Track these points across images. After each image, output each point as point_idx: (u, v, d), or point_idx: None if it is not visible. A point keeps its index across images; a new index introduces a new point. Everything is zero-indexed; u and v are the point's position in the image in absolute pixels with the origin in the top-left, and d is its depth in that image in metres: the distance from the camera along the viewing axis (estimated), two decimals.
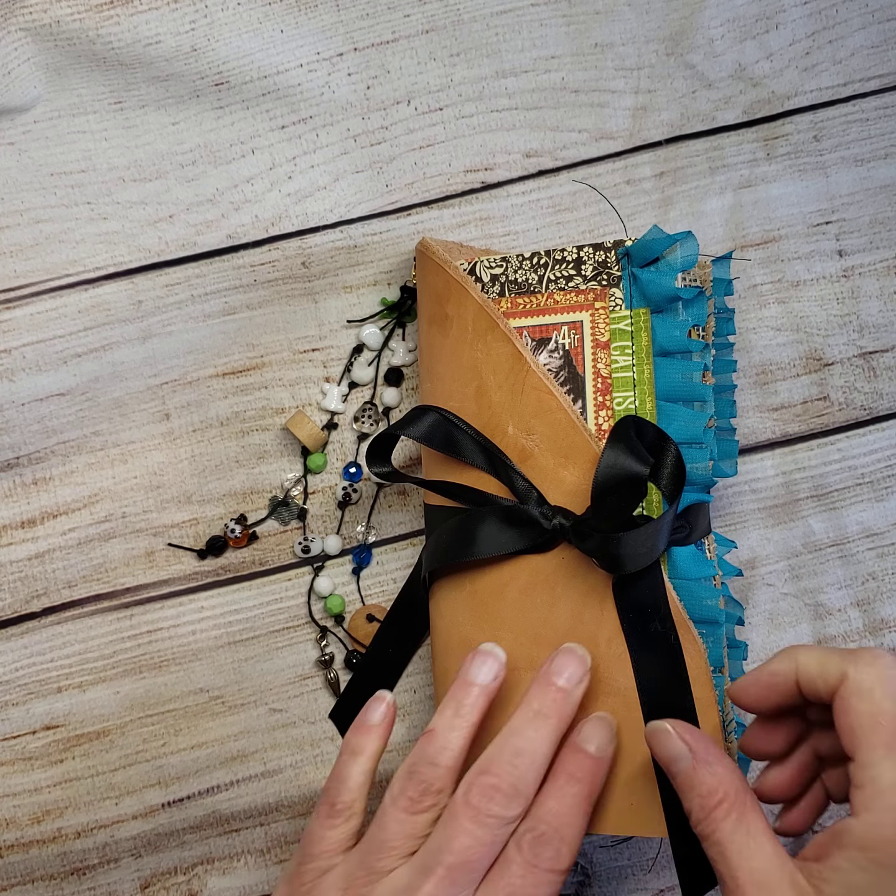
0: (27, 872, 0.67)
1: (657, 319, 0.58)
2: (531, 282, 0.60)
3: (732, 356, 0.65)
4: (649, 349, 0.58)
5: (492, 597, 0.59)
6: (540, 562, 0.59)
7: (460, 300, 0.61)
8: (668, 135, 0.69)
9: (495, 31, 0.68)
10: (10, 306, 0.68)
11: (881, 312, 0.69)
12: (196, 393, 0.69)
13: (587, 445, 0.58)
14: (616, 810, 0.56)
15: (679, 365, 0.58)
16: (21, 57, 0.66)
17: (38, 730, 0.68)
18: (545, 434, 0.59)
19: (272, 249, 0.69)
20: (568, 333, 0.59)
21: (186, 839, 0.68)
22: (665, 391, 0.58)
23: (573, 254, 0.60)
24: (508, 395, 0.59)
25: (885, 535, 0.68)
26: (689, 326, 0.58)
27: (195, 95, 0.68)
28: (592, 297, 0.59)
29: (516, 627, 0.59)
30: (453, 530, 0.59)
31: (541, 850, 0.49)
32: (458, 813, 0.50)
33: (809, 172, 0.69)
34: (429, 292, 0.63)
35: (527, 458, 0.59)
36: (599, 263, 0.59)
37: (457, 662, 0.60)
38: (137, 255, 0.68)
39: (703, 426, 0.57)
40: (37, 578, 0.68)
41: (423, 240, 0.63)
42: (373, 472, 0.62)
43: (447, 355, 0.61)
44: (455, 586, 0.61)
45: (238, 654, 0.68)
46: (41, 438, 0.68)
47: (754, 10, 0.69)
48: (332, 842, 0.53)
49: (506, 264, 0.61)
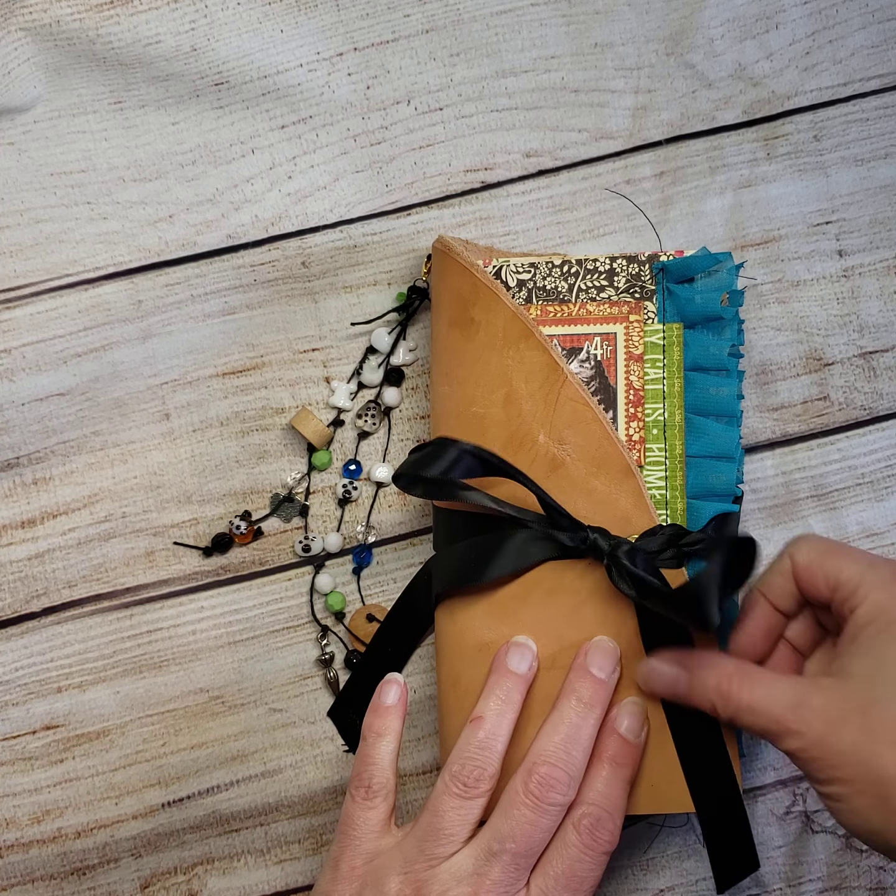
0: (27, 872, 0.67)
1: (690, 335, 0.60)
2: (561, 290, 0.61)
3: (739, 365, 0.65)
4: (681, 363, 0.60)
5: (514, 601, 0.60)
6: (566, 566, 0.59)
7: (489, 305, 0.61)
8: (668, 134, 0.69)
9: (495, 30, 0.68)
10: (10, 306, 0.68)
11: (881, 312, 0.69)
12: (196, 393, 0.69)
13: (620, 457, 0.59)
14: (636, 793, 0.58)
15: (712, 381, 0.59)
16: (21, 57, 0.66)
17: (38, 730, 0.68)
18: (578, 444, 0.59)
19: (272, 249, 0.69)
20: (601, 344, 0.60)
21: (186, 839, 0.68)
22: (695, 405, 0.60)
23: (606, 265, 0.60)
24: (542, 404, 0.60)
25: (885, 535, 0.68)
26: (728, 345, 0.59)
27: (195, 95, 0.68)
28: (627, 309, 0.60)
29: (538, 629, 0.59)
30: (474, 553, 0.60)
31: (599, 834, 0.54)
32: (518, 801, 0.53)
33: (809, 172, 0.69)
34: (450, 294, 0.62)
35: (557, 468, 0.59)
36: (633, 276, 0.60)
37: (470, 667, 0.60)
38: (137, 255, 0.68)
39: (734, 442, 0.59)
40: (37, 578, 0.68)
41: (441, 238, 0.63)
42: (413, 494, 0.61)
43: (470, 360, 0.61)
44: (471, 593, 0.61)
45: (238, 654, 0.68)
46: (41, 438, 0.68)
47: (754, 10, 0.69)
48: (375, 822, 0.56)
49: (534, 270, 0.61)
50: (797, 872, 0.67)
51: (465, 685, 0.60)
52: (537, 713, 0.58)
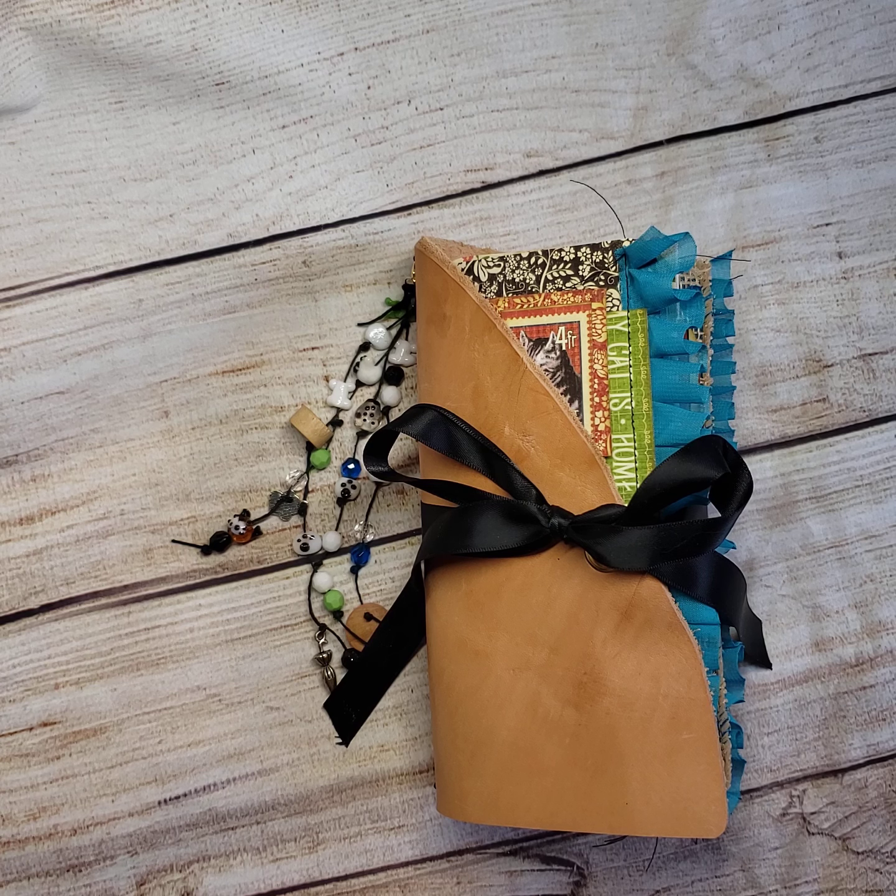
0: (23, 869, 0.68)
1: (654, 321, 0.58)
2: (529, 282, 0.60)
3: (731, 357, 0.65)
4: (646, 350, 0.58)
5: (487, 597, 0.59)
6: (535, 563, 0.59)
7: (458, 300, 0.61)
8: (669, 135, 0.69)
9: (496, 30, 0.68)
10: (10, 305, 0.68)
11: (881, 314, 0.68)
12: (195, 391, 0.69)
13: (583, 447, 0.58)
14: (610, 811, 0.57)
15: (676, 366, 0.58)
16: (22, 56, 0.67)
17: (35, 726, 0.68)
18: (541, 435, 0.59)
19: (273, 248, 0.69)
20: (565, 334, 0.59)
21: (182, 837, 0.68)
22: (662, 392, 0.58)
23: (570, 254, 0.60)
24: (505, 395, 0.59)
25: (884, 536, 0.68)
26: (686, 328, 0.58)
27: (196, 95, 0.68)
28: (590, 297, 0.59)
29: (512, 627, 0.59)
30: (451, 521, 0.59)
31: None
32: None
33: (810, 174, 0.69)
34: (427, 292, 0.63)
35: (523, 459, 0.59)
36: (597, 264, 0.59)
37: (453, 662, 0.60)
38: (138, 254, 0.69)
39: (699, 427, 0.57)
40: (35, 575, 0.69)
41: (423, 239, 0.63)
42: (369, 470, 0.62)
43: (444, 355, 0.61)
44: (451, 586, 0.61)
45: (235, 652, 0.68)
46: (40, 436, 0.68)
47: (756, 11, 0.69)
48: None
49: (503, 264, 0.61)
50: (793, 874, 0.66)
51: (447, 680, 0.60)
52: (511, 713, 0.58)
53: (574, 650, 0.58)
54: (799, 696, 0.67)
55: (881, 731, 0.67)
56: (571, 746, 0.57)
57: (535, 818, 0.58)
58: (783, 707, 0.67)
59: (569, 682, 0.58)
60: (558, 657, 0.58)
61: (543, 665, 0.58)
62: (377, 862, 0.68)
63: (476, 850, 0.68)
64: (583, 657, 0.57)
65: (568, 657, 0.58)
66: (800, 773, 0.67)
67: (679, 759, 0.56)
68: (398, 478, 0.62)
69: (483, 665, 0.59)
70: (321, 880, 0.68)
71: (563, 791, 0.57)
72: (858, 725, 0.67)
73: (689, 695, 0.56)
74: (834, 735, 0.67)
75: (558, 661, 0.58)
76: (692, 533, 0.54)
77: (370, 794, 0.68)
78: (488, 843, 0.68)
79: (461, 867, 0.68)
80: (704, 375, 0.59)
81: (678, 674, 0.56)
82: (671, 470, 0.55)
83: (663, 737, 0.56)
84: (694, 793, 0.56)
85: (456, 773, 0.60)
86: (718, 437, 0.55)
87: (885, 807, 0.67)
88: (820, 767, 0.67)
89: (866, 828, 0.67)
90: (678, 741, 0.56)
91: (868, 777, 0.67)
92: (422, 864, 0.68)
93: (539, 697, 0.58)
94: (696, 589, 0.57)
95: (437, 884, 0.68)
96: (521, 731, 0.58)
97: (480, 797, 0.59)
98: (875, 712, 0.67)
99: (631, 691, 0.57)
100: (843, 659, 0.67)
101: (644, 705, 0.57)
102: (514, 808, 0.58)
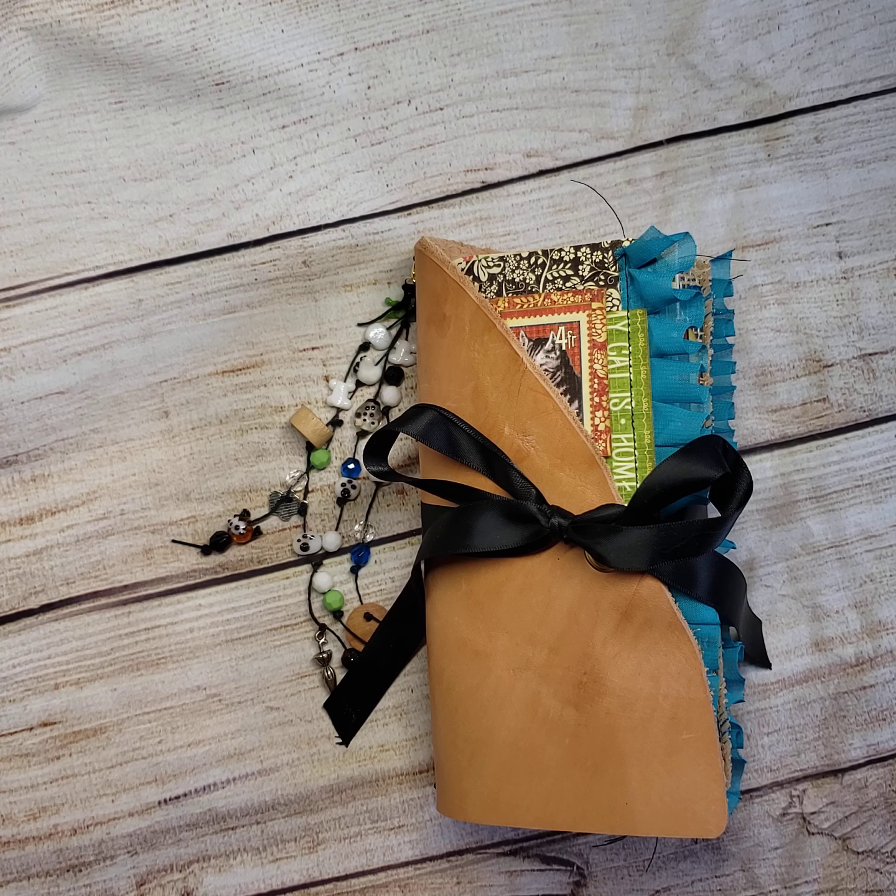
0: (23, 869, 0.68)
1: (654, 320, 0.58)
2: (528, 281, 0.60)
3: (731, 357, 0.65)
4: (646, 350, 0.58)
5: (487, 597, 0.59)
6: (535, 563, 0.59)
7: (458, 300, 0.61)
8: (669, 135, 0.69)
9: (496, 30, 0.68)
10: (10, 305, 0.68)
11: (881, 314, 0.68)
12: (195, 391, 0.69)
13: (583, 447, 0.58)
14: (610, 811, 0.57)
15: (675, 366, 0.58)
16: (22, 56, 0.67)
17: (35, 726, 0.68)
18: (541, 435, 0.59)
19: (273, 248, 0.69)
20: (565, 334, 0.59)
21: (182, 837, 0.68)
22: (661, 392, 0.58)
23: (570, 254, 0.60)
24: (505, 395, 0.59)
25: (884, 536, 0.68)
26: (686, 328, 0.58)
27: (196, 95, 0.68)
28: (589, 297, 0.59)
29: (512, 627, 0.59)
30: (451, 521, 0.60)
31: None
32: None
33: (810, 174, 0.69)
34: (427, 292, 0.63)
35: (523, 459, 0.59)
36: (597, 264, 0.59)
37: (453, 662, 0.60)
38: (138, 254, 0.69)
39: (699, 427, 0.57)
40: (35, 575, 0.69)
41: (422, 239, 0.63)
42: (369, 470, 0.62)
43: (444, 355, 0.61)
44: (451, 586, 0.61)
45: (235, 652, 0.68)
46: (40, 436, 0.68)
47: (756, 11, 0.69)
48: None
49: (503, 264, 0.61)
50: (793, 874, 0.66)
51: (447, 680, 0.60)
52: (511, 713, 0.58)
53: (574, 650, 0.58)
54: (799, 696, 0.67)
55: (881, 731, 0.67)
56: (571, 746, 0.57)
57: (535, 818, 0.58)
58: (783, 707, 0.67)
59: (569, 682, 0.58)
60: (558, 657, 0.58)
61: (543, 665, 0.58)
62: (377, 862, 0.68)
63: (476, 850, 0.68)
64: (583, 657, 0.57)
65: (568, 657, 0.58)
66: (800, 773, 0.67)
67: (679, 759, 0.56)
68: (398, 478, 0.62)
69: (483, 665, 0.59)
70: (321, 880, 0.68)
71: (563, 791, 0.57)
72: (858, 725, 0.67)
73: (689, 695, 0.56)
74: (834, 735, 0.67)
75: (558, 661, 0.58)
76: (692, 533, 0.54)
77: (370, 794, 0.68)
78: (488, 843, 0.68)
79: (461, 867, 0.68)
80: (704, 375, 0.59)
81: (678, 674, 0.56)
82: (671, 470, 0.55)
83: (663, 737, 0.56)
84: (694, 793, 0.56)
85: (456, 773, 0.60)
86: (718, 437, 0.56)
87: (885, 807, 0.67)
88: (820, 767, 0.67)
89: (866, 828, 0.67)
90: (678, 741, 0.56)
91: (868, 777, 0.67)
92: (422, 864, 0.68)
93: (539, 697, 0.58)
94: (696, 589, 0.57)
95: (437, 884, 0.68)
96: (520, 731, 0.58)
97: (480, 797, 0.59)
98: (875, 712, 0.67)
99: (631, 691, 0.57)
100: (843, 659, 0.67)
101: (644, 705, 0.57)
102: (514, 808, 0.58)
